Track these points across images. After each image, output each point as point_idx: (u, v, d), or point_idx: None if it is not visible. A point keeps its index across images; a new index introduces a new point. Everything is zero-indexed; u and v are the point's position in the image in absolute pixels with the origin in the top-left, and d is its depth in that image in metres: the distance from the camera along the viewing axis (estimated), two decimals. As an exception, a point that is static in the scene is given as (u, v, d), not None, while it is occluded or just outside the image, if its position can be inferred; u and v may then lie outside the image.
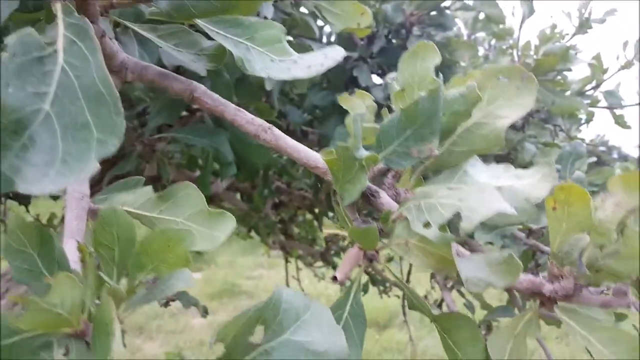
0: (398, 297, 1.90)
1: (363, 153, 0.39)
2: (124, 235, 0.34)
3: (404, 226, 0.43)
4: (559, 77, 1.21)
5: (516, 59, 1.44)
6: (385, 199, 0.45)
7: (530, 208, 0.45)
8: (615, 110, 1.70)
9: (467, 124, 0.45)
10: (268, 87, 0.95)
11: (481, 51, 1.73)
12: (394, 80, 0.48)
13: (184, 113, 1.24)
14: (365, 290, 2.00)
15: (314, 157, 0.45)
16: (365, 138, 0.45)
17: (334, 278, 0.41)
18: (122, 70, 0.47)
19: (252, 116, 0.47)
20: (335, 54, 0.45)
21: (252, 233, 2.50)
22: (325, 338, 0.34)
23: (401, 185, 0.49)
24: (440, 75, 0.42)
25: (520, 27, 1.62)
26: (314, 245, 2.36)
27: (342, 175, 0.41)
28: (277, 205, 2.28)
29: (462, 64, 1.35)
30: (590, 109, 1.74)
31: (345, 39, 1.38)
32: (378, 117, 0.50)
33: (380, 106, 0.54)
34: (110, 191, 0.46)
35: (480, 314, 1.24)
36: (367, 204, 0.44)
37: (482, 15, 1.63)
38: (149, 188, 0.44)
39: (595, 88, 1.69)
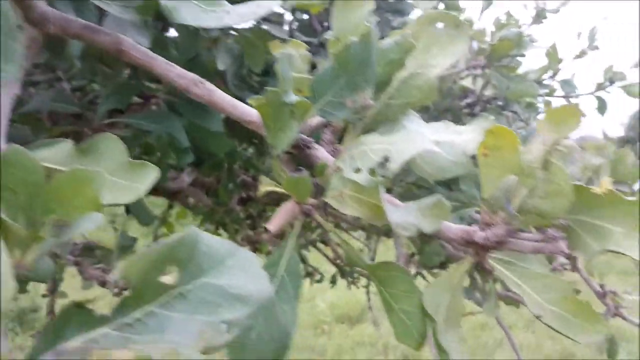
0: (366, 287, 1.90)
1: (293, 98, 0.38)
2: (30, 177, 0.32)
3: (338, 177, 0.42)
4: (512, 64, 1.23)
5: (474, 46, 1.46)
6: (321, 152, 0.44)
7: (466, 160, 0.45)
8: (570, 99, 1.75)
9: (403, 76, 0.45)
10: (220, 66, 0.93)
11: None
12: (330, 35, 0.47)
13: (139, 100, 1.21)
14: (333, 281, 1.99)
15: (249, 112, 0.44)
16: (300, 90, 0.44)
17: (266, 229, 0.40)
18: (44, 22, 0.44)
19: (183, 70, 0.45)
20: (268, 3, 0.43)
21: (220, 231, 2.46)
22: (249, 283, 0.33)
23: (344, 144, 0.49)
24: (373, 20, 0.41)
25: (480, 17, 1.66)
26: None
27: (273, 122, 0.39)
28: (244, 200, 2.25)
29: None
30: (548, 98, 1.78)
31: (305, 26, 1.37)
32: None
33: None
34: (29, 149, 0.43)
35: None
36: (301, 155, 0.43)
37: (441, 6, 1.66)
38: (69, 143, 0.42)
39: (552, 77, 1.74)
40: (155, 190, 2.03)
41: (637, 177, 0.99)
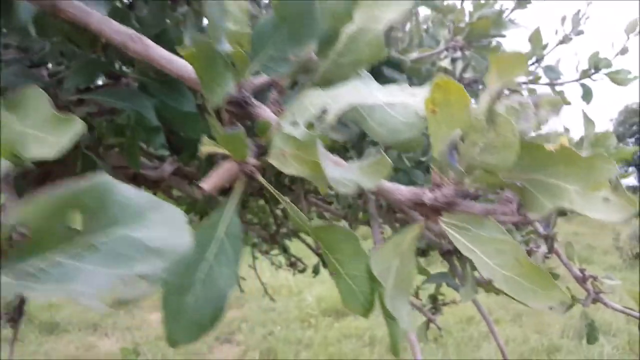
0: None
1: (226, 46, 0.36)
2: None
3: (280, 136, 0.40)
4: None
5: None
6: (263, 110, 0.41)
7: (419, 121, 0.43)
8: (555, 87, 1.74)
9: (351, 31, 0.42)
10: (187, 42, 0.91)
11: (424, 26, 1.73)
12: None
13: (109, 81, 1.18)
14: (316, 271, 1.97)
15: (185, 67, 0.42)
16: (242, 45, 0.42)
17: (199, 187, 0.38)
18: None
19: (120, 25, 0.43)
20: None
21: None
22: (171, 237, 0.31)
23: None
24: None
25: (462, 2, 1.64)
26: (267, 229, 2.32)
27: (206, 74, 0.37)
28: (226, 190, 2.23)
29: (399, 34, 1.33)
30: (532, 86, 1.77)
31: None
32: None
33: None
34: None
35: (418, 280, 1.24)
36: (242, 114, 0.41)
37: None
38: (-4, 98, 0.40)
39: (536, 63, 1.72)
40: (135, 179, 2.00)
41: (618, 160, 0.98)
